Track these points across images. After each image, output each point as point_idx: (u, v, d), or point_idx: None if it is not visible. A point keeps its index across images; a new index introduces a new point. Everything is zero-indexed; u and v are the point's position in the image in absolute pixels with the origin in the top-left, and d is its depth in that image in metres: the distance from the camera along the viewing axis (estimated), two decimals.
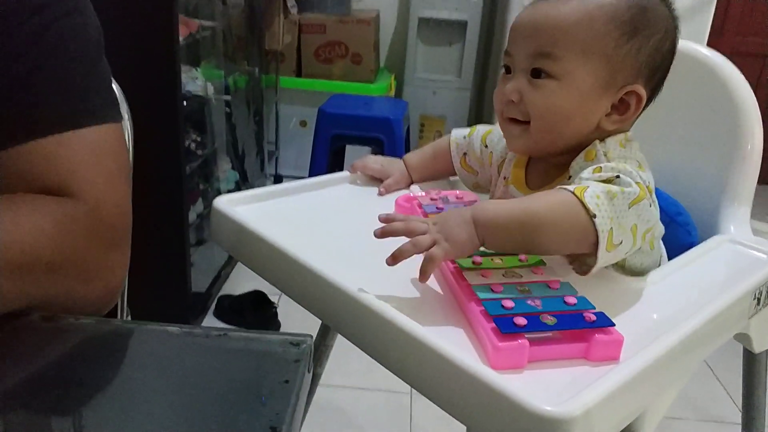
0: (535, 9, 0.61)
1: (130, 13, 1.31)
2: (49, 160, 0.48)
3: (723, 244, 0.67)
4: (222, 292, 1.83)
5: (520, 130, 0.63)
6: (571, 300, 0.48)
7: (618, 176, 0.54)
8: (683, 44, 0.79)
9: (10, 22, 0.47)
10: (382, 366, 0.50)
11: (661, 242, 0.67)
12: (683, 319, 0.50)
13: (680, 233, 0.72)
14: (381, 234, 0.53)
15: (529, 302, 0.48)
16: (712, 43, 1.04)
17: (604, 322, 0.46)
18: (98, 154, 0.50)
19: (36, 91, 0.49)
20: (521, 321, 0.45)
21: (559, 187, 0.54)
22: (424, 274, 0.52)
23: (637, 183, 0.54)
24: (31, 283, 0.43)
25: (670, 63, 0.63)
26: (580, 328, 0.46)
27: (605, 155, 0.60)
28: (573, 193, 0.52)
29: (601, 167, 0.56)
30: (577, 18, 0.58)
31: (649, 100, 0.63)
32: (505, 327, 0.44)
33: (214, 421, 0.33)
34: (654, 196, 0.57)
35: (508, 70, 0.63)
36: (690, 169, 0.77)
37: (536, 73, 0.60)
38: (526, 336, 0.45)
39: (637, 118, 0.64)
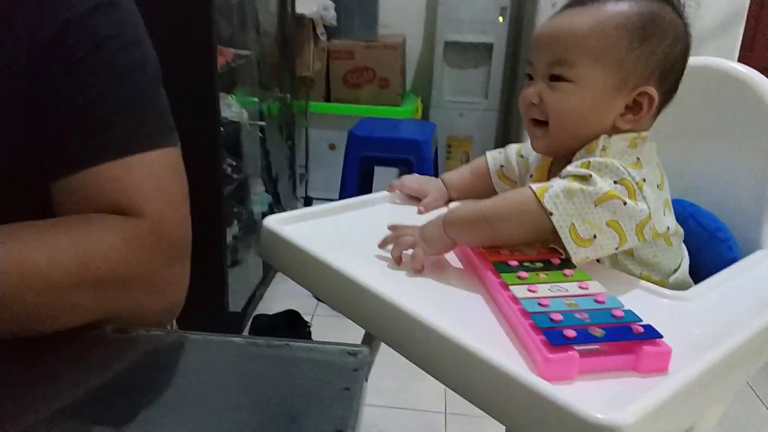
0: (553, 21, 0.67)
1: (172, 46, 1.36)
2: (115, 182, 0.51)
3: (767, 259, 0.67)
4: (256, 312, 1.86)
5: (541, 131, 0.68)
6: (619, 313, 0.49)
7: (591, 175, 0.58)
8: (717, 61, 0.80)
9: (74, 57, 0.51)
10: (427, 377, 0.51)
11: (683, 245, 0.69)
12: (731, 332, 0.50)
13: (722, 249, 0.72)
14: (381, 245, 0.65)
15: (576, 315, 0.49)
16: (742, 60, 1.05)
17: (652, 334, 0.47)
18: (159, 175, 0.54)
19: (101, 119, 0.52)
20: (570, 333, 0.46)
21: (527, 185, 0.60)
22: (414, 270, 0.61)
23: (622, 179, 0.58)
24: (106, 296, 0.46)
25: (683, 66, 0.66)
26: (628, 339, 0.47)
27: (603, 150, 0.63)
28: (534, 191, 0.57)
29: (590, 162, 0.60)
30: (589, 27, 0.64)
31: (665, 102, 0.67)
32: (555, 339, 0.46)
33: (283, 425, 0.35)
34: (646, 192, 0.60)
35: (530, 78, 0.69)
36: (729, 185, 0.77)
37: (554, 78, 0.65)
38: (575, 348, 0.46)
39: (655, 118, 0.67)
